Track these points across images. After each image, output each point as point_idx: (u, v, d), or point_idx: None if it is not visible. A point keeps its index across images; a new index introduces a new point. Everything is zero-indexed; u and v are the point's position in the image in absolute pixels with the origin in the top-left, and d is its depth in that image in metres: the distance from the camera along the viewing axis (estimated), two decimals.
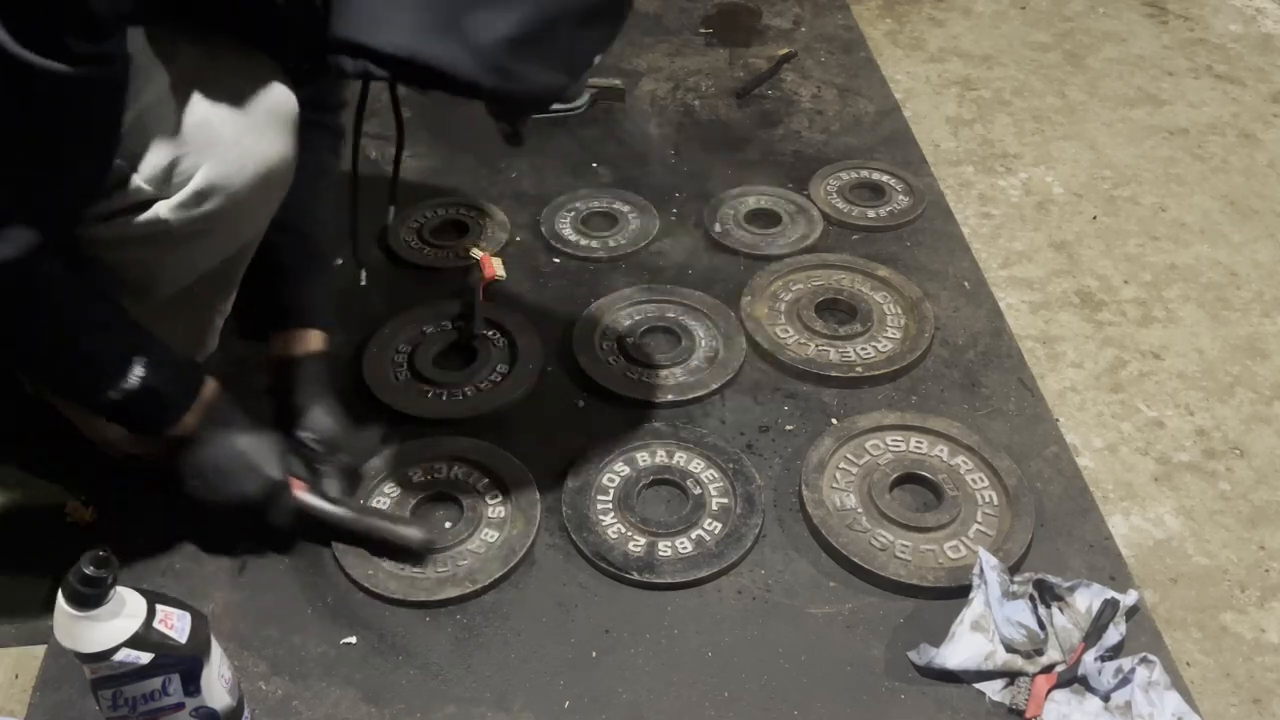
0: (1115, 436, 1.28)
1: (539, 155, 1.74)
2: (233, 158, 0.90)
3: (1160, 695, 0.94)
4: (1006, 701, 0.96)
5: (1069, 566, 1.08)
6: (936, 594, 1.04)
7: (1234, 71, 2.05)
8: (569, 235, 1.55)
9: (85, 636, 0.77)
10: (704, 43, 2.09)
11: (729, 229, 1.56)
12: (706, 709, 0.96)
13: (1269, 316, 1.46)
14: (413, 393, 1.27)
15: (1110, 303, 1.49)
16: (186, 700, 0.83)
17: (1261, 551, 1.14)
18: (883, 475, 1.15)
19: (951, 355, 1.35)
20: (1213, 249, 1.59)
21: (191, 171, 0.89)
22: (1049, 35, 2.18)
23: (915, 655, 0.99)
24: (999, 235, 1.62)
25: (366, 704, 0.96)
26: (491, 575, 1.05)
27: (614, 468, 1.17)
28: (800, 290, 1.44)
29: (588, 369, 1.30)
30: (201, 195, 0.90)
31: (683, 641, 1.02)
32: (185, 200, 0.89)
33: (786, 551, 1.11)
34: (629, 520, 1.11)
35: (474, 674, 0.99)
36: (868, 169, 1.70)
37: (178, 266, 0.99)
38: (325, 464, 1.08)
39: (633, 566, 1.06)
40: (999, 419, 1.26)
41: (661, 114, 1.86)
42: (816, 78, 1.97)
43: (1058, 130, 1.87)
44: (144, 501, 1.14)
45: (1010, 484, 1.14)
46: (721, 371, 1.30)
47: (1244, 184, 1.73)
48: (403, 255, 1.50)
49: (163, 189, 0.88)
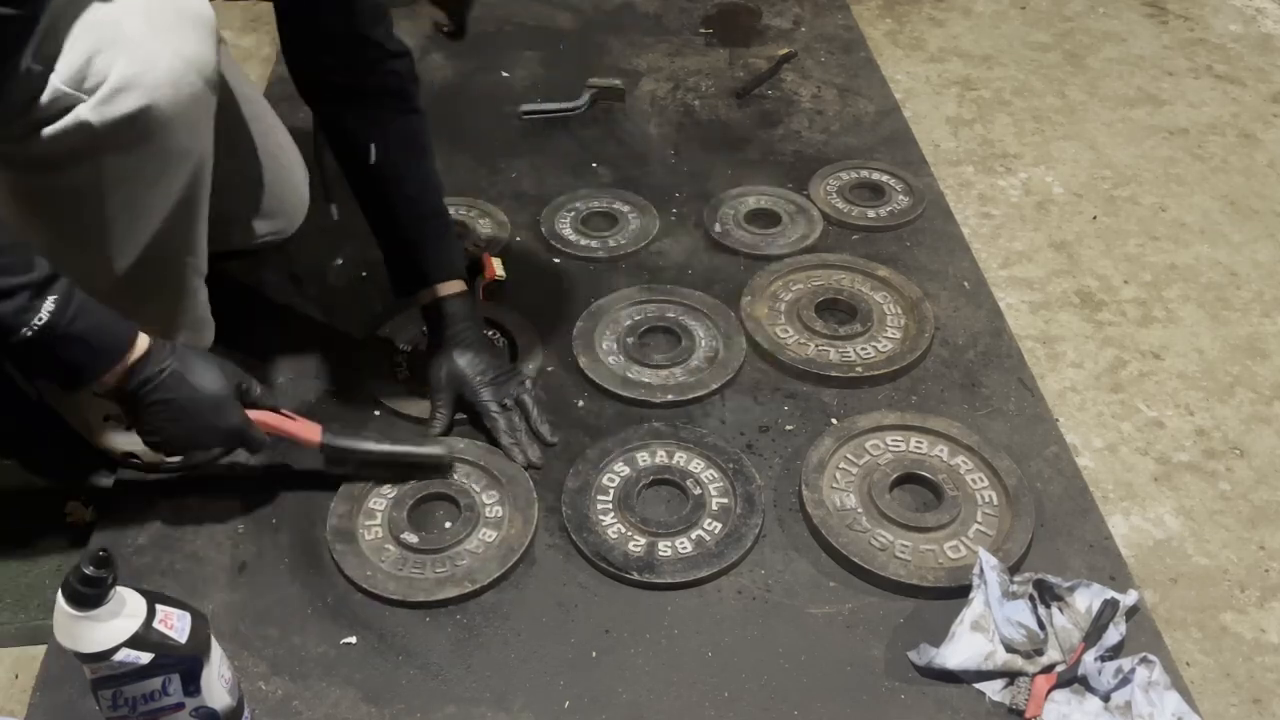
0: (1115, 436, 1.28)
1: (539, 155, 1.74)
2: (143, 54, 0.92)
3: (1160, 695, 0.94)
4: (1006, 701, 0.96)
5: (1069, 566, 1.08)
6: (936, 594, 1.04)
7: (1234, 71, 2.05)
8: (569, 235, 1.55)
9: (85, 636, 0.77)
10: (704, 43, 2.09)
11: (729, 229, 1.56)
12: (706, 709, 0.96)
13: (1269, 316, 1.46)
14: (413, 393, 1.27)
15: (1110, 303, 1.49)
16: (186, 700, 0.83)
17: (1261, 551, 1.14)
18: (883, 475, 1.15)
19: (951, 355, 1.35)
20: (1213, 249, 1.59)
21: (107, 69, 0.90)
22: (1049, 35, 2.18)
23: (915, 655, 0.99)
24: (999, 235, 1.62)
25: (366, 704, 0.96)
26: (490, 575, 1.05)
27: (614, 468, 1.17)
28: (800, 290, 1.44)
29: (588, 369, 1.30)
30: (117, 90, 0.90)
31: (683, 641, 1.02)
32: (103, 97, 0.90)
33: (786, 551, 1.11)
34: (629, 520, 1.11)
35: (474, 674, 0.99)
36: (868, 169, 1.70)
37: (124, 200, 0.99)
38: (485, 394, 1.20)
39: (633, 566, 1.06)
40: (999, 419, 1.26)
41: (661, 114, 1.86)
42: (816, 78, 1.97)
43: (1058, 130, 1.87)
44: (144, 501, 1.14)
45: (1010, 484, 1.14)
46: (721, 371, 1.30)
47: (1244, 184, 1.73)
48: None
49: (80, 86, 0.90)
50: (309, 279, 1.46)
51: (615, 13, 2.19)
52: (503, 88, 1.93)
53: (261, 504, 1.14)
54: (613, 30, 2.12)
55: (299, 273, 1.47)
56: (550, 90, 1.90)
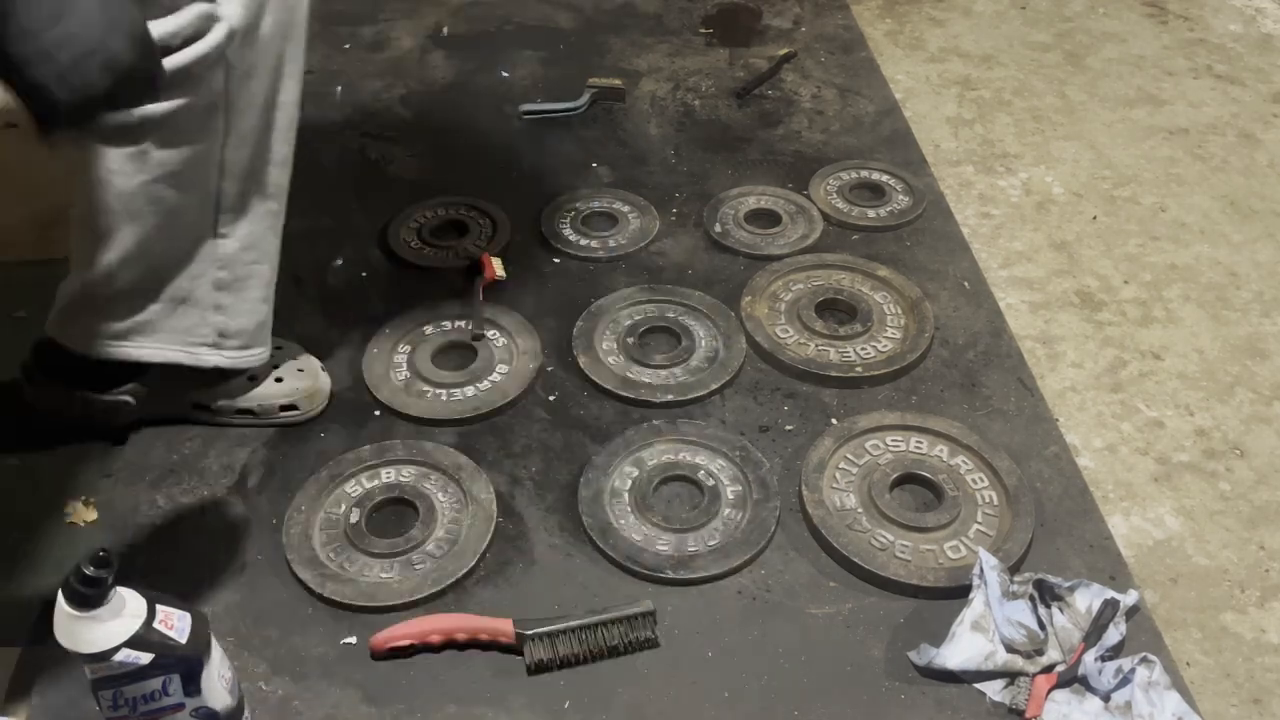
0: (1115, 436, 1.28)
1: (539, 155, 1.74)
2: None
3: (1160, 695, 0.94)
4: (1006, 701, 0.96)
5: (1069, 566, 1.08)
6: (936, 594, 1.04)
7: (1234, 71, 2.05)
8: (569, 235, 1.55)
9: (85, 637, 0.77)
10: (704, 43, 2.09)
11: (729, 229, 1.56)
12: (706, 709, 0.96)
13: (1269, 316, 1.46)
14: (413, 393, 1.27)
15: (1110, 303, 1.48)
16: (187, 700, 0.83)
17: (1261, 552, 1.14)
18: (883, 475, 1.15)
19: (951, 355, 1.35)
20: (1213, 249, 1.59)
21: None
22: (1049, 35, 2.18)
23: (915, 655, 0.99)
24: (999, 235, 1.62)
25: (366, 704, 0.96)
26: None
27: (624, 469, 1.17)
28: (800, 290, 1.44)
29: (588, 369, 1.30)
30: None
31: (683, 641, 1.02)
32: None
33: (786, 551, 1.11)
34: (649, 520, 1.11)
35: (474, 674, 0.99)
36: (868, 169, 1.70)
37: (239, 115, 1.00)
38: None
39: (666, 565, 1.06)
40: (999, 419, 1.26)
41: (661, 114, 1.86)
42: (816, 78, 1.97)
43: (1058, 130, 1.87)
44: (144, 501, 1.14)
45: (1010, 484, 1.14)
46: (721, 371, 1.30)
47: (1244, 184, 1.73)
48: (403, 255, 1.50)
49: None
50: (309, 279, 1.46)
51: (615, 13, 2.19)
52: (503, 88, 1.93)
53: (262, 504, 1.14)
54: (613, 30, 2.12)
55: (299, 273, 1.47)
56: (550, 90, 1.90)
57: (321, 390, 1.25)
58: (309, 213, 1.43)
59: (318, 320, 1.40)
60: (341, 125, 1.79)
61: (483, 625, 0.99)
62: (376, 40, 2.05)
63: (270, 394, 1.22)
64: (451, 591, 1.05)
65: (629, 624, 0.99)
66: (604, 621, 0.99)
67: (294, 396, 1.23)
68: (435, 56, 2.01)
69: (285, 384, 1.23)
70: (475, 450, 1.20)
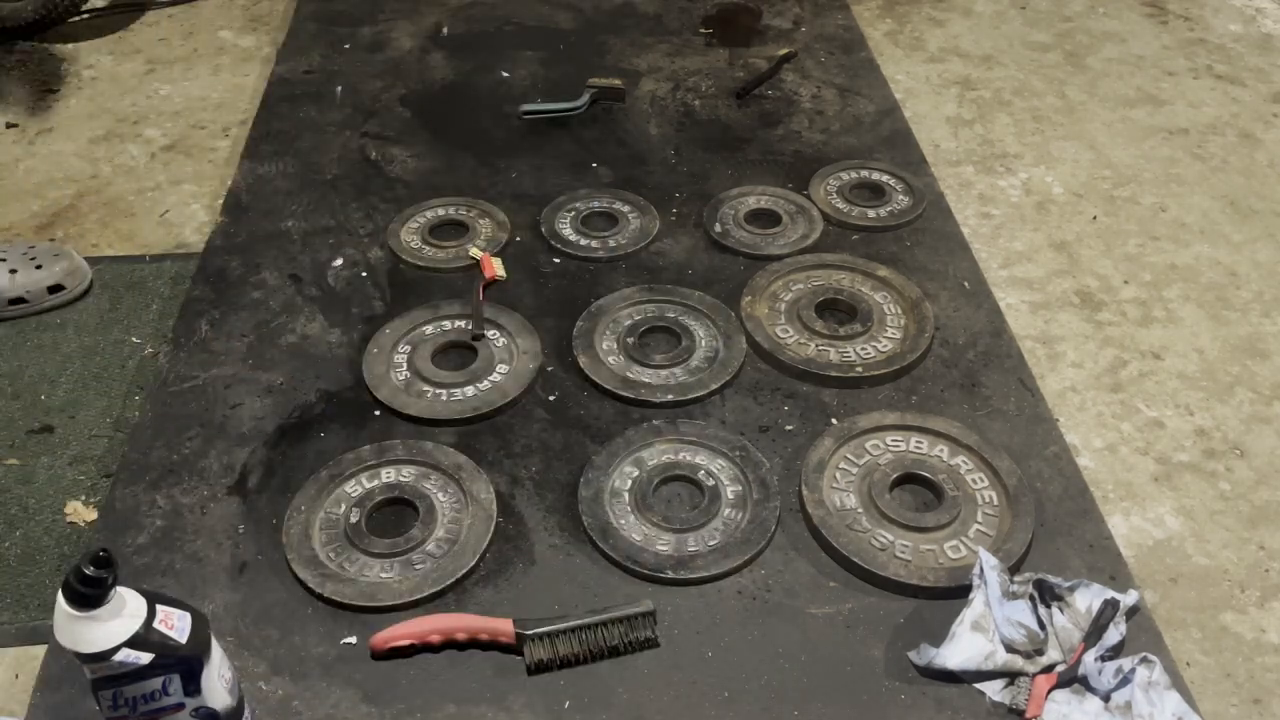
0: (1115, 436, 1.28)
1: (539, 155, 1.74)
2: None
3: (1160, 695, 0.94)
4: (1006, 701, 0.96)
5: (1069, 566, 1.08)
6: (936, 594, 1.04)
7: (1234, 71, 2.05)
8: (569, 235, 1.55)
9: (85, 636, 0.77)
10: (704, 43, 2.09)
11: (729, 229, 1.56)
12: (706, 709, 0.96)
13: (1269, 316, 1.46)
14: (413, 393, 1.27)
15: (1110, 303, 1.49)
16: (187, 700, 0.83)
17: (1261, 551, 1.14)
18: (883, 475, 1.15)
19: (951, 355, 1.35)
20: (1213, 249, 1.59)
21: None
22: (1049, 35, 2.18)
23: (915, 655, 0.99)
24: (999, 235, 1.62)
25: (366, 704, 0.96)
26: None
27: (624, 469, 1.17)
28: (800, 290, 1.44)
29: (588, 369, 1.30)
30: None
31: (683, 641, 1.02)
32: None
33: (786, 551, 1.11)
34: (649, 520, 1.11)
35: (474, 674, 0.99)
36: (868, 169, 1.70)
37: None
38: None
39: (666, 566, 1.06)
40: (999, 419, 1.26)
41: (661, 114, 1.86)
42: (816, 78, 1.97)
43: (1058, 130, 1.87)
44: (144, 501, 1.14)
45: (1010, 484, 1.14)
46: (721, 371, 1.30)
47: (1244, 184, 1.73)
48: (403, 255, 1.50)
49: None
50: (309, 279, 1.46)
51: (615, 13, 2.19)
52: (503, 88, 1.93)
53: (262, 504, 1.14)
54: (613, 30, 2.12)
55: (299, 273, 1.47)
56: (550, 90, 1.90)
57: (81, 268, 1.42)
58: (309, 213, 1.44)
59: (318, 320, 1.40)
60: (341, 125, 1.79)
61: (483, 625, 0.99)
62: (376, 40, 2.05)
63: (35, 279, 1.38)
64: (451, 591, 1.05)
65: (629, 624, 1.00)
66: (604, 621, 0.99)
67: (58, 277, 1.42)
68: (435, 56, 2.01)
69: (44, 270, 1.42)
70: (475, 450, 1.20)
